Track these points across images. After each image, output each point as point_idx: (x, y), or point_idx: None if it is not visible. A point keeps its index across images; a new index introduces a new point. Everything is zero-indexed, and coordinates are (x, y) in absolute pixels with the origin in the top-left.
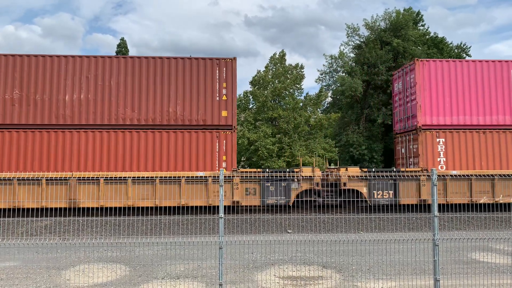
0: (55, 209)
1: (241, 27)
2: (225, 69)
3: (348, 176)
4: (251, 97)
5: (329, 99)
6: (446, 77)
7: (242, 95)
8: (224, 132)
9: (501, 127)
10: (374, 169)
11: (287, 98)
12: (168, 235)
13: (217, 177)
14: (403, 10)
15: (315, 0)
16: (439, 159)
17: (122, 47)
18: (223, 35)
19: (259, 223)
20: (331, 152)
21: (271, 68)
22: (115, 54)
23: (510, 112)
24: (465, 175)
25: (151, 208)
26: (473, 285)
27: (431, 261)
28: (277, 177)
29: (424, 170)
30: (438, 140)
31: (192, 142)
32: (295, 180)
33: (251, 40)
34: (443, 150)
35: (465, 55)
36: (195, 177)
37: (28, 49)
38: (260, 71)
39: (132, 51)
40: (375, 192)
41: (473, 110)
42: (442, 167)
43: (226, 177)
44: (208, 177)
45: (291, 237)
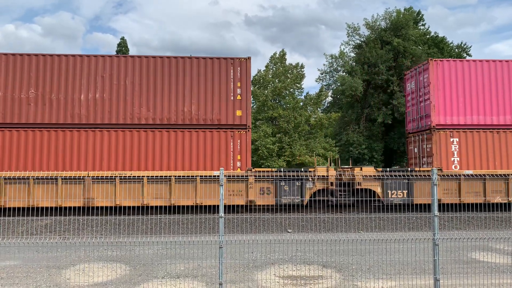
0: (71, 208)
1: (241, 27)
2: (239, 69)
3: (362, 175)
4: (251, 97)
5: (330, 99)
6: (459, 77)
7: None
8: (238, 131)
9: None
10: (388, 169)
11: (287, 97)
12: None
13: (232, 176)
14: (404, 9)
15: None
16: (452, 159)
17: (122, 46)
18: (223, 34)
19: (259, 223)
20: (331, 151)
21: (271, 67)
22: (115, 53)
23: None
24: (479, 175)
25: (166, 207)
26: (473, 285)
27: (431, 260)
28: (291, 176)
29: (438, 169)
30: (452, 140)
31: (207, 141)
32: (310, 179)
33: (252, 39)
34: (457, 149)
35: (465, 55)
36: (210, 176)
37: (28, 48)
38: (260, 70)
39: (132, 51)
40: (389, 191)
41: (486, 110)
42: (456, 167)
43: (240, 176)
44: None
45: (291, 236)
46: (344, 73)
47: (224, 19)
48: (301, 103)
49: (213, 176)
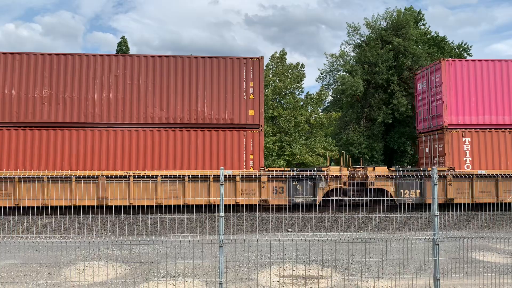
0: (84, 207)
1: (242, 26)
2: (252, 68)
3: (375, 175)
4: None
5: (330, 98)
6: (471, 77)
7: None
8: (251, 131)
9: None
10: (401, 169)
11: (287, 97)
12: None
13: (245, 175)
14: (404, 9)
15: None
16: (465, 159)
17: (122, 46)
18: (223, 34)
19: (259, 222)
20: (331, 151)
21: (271, 67)
22: (115, 52)
23: None
24: (492, 175)
25: (180, 206)
26: (473, 285)
27: (431, 260)
28: (304, 176)
29: (450, 169)
30: (464, 139)
31: (219, 141)
32: (323, 179)
33: (252, 39)
34: (469, 149)
35: (466, 55)
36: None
37: (28, 47)
38: None
39: (132, 50)
40: (402, 191)
41: (499, 109)
42: (468, 167)
43: (253, 175)
44: (236, 175)
45: (291, 236)
46: (344, 73)
47: (224, 19)
48: (301, 103)
49: (225, 175)
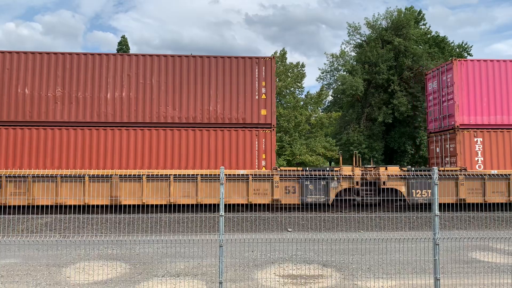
0: (96, 206)
1: (242, 26)
2: (264, 68)
3: (387, 175)
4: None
5: (330, 98)
6: (483, 77)
7: None
8: (263, 130)
9: None
10: (413, 168)
11: (288, 96)
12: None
13: (257, 175)
14: (405, 9)
15: None
16: (476, 159)
17: (123, 45)
18: (224, 33)
19: (259, 221)
20: (331, 150)
21: None
22: (115, 52)
23: None
24: (504, 175)
25: (193, 205)
26: (473, 285)
27: (431, 260)
28: (316, 175)
29: (462, 169)
30: (475, 139)
31: (232, 140)
32: (335, 178)
33: (252, 38)
34: (481, 149)
35: (466, 55)
36: (235, 175)
37: (29, 46)
38: None
39: (133, 49)
40: (414, 191)
41: (510, 110)
42: (480, 167)
43: (265, 175)
44: (248, 175)
45: (291, 235)
46: (344, 73)
47: (224, 18)
48: (302, 102)
49: (238, 175)
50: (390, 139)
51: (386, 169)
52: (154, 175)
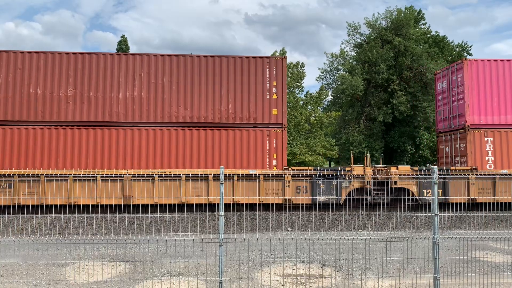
0: (108, 205)
1: (242, 25)
2: (275, 68)
3: (399, 174)
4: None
5: (330, 98)
6: (494, 76)
7: None
8: (274, 130)
9: None
10: (424, 168)
11: (287, 96)
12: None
13: (268, 174)
14: (405, 8)
15: None
16: (487, 158)
17: (123, 45)
18: (223, 33)
19: (259, 221)
20: (331, 150)
21: None
22: (116, 51)
23: None
24: None
25: (206, 205)
26: (472, 284)
27: (431, 259)
28: (328, 175)
29: (473, 169)
30: (486, 139)
31: (243, 140)
32: (346, 178)
33: (252, 38)
34: (491, 149)
35: (466, 54)
36: (247, 174)
37: (28, 46)
38: None
39: (132, 49)
40: (425, 190)
41: None
42: (490, 166)
43: (277, 175)
44: (260, 174)
45: (291, 235)
46: (344, 72)
47: (224, 18)
48: (302, 102)
49: (249, 174)
50: (389, 138)
51: (397, 168)
52: (166, 174)
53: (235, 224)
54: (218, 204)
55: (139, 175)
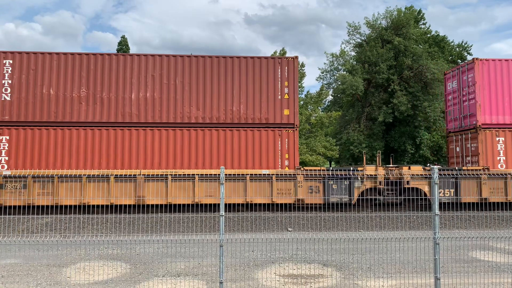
0: (121, 206)
1: (242, 25)
2: (287, 68)
3: (411, 174)
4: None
5: (330, 98)
6: (505, 76)
7: None
8: (286, 130)
9: None
10: (437, 168)
11: None
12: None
13: (280, 175)
14: (405, 8)
15: None
16: (498, 158)
17: (123, 45)
18: (223, 33)
19: (259, 221)
20: (331, 150)
21: None
22: (115, 52)
23: None
24: None
25: (217, 205)
26: (473, 284)
27: (432, 259)
28: (340, 175)
29: (485, 169)
30: (497, 139)
31: (255, 140)
32: (358, 178)
33: (252, 38)
34: (503, 149)
35: (466, 54)
36: (259, 174)
37: (28, 46)
38: None
39: (133, 49)
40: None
41: None
42: (502, 166)
43: (289, 175)
44: (272, 175)
45: (292, 235)
46: (344, 72)
47: (224, 18)
48: (302, 102)
49: (261, 174)
50: (390, 138)
51: (409, 168)
52: (179, 175)
53: (235, 224)
54: (231, 204)
55: (152, 175)
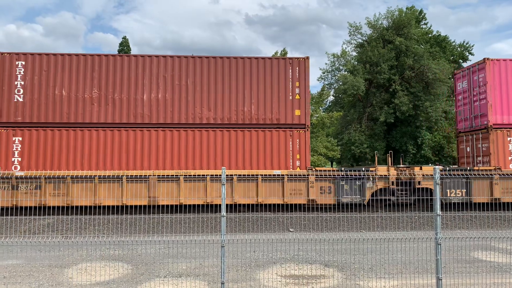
0: (133, 206)
1: (242, 26)
2: (298, 68)
3: (422, 175)
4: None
5: (331, 98)
6: None
7: None
8: (297, 131)
9: None
10: (448, 168)
11: None
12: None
13: (292, 175)
14: (406, 8)
15: None
16: (510, 158)
17: (124, 46)
18: (224, 33)
19: (261, 222)
20: (333, 150)
21: None
22: (117, 52)
23: None
24: None
25: (231, 205)
26: (475, 284)
27: (433, 260)
28: (352, 175)
29: (497, 169)
30: (509, 139)
31: (266, 141)
32: (370, 179)
33: (253, 38)
34: None
35: (468, 54)
36: (271, 175)
37: (30, 48)
38: None
39: (134, 50)
40: (448, 190)
41: None
42: None
43: (301, 175)
44: (284, 175)
45: (293, 235)
46: (346, 72)
47: (224, 18)
48: None
49: (273, 175)
50: (391, 138)
51: (420, 169)
52: (191, 175)
53: (237, 225)
54: (243, 205)
55: (165, 176)
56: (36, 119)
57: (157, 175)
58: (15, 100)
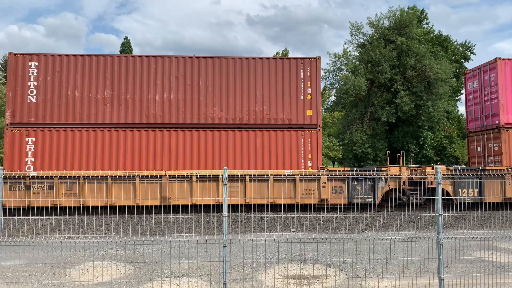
0: (145, 206)
1: (243, 26)
2: (309, 68)
3: (434, 175)
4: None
5: (333, 98)
6: None
7: None
8: (309, 131)
9: None
10: (460, 168)
11: None
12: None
13: (304, 175)
14: (407, 8)
15: None
16: None
17: (126, 46)
18: (225, 34)
19: (262, 222)
20: (334, 150)
21: None
22: (118, 53)
23: None
24: None
25: (242, 205)
26: (477, 284)
27: (436, 260)
28: (364, 175)
29: (509, 168)
30: None
31: (278, 141)
32: (382, 179)
33: (254, 38)
34: None
35: (470, 53)
36: (283, 175)
37: (32, 48)
38: None
39: (135, 51)
40: (460, 190)
41: None
42: None
43: (312, 175)
44: (295, 175)
45: (295, 235)
46: (347, 72)
47: (225, 19)
48: None
49: (285, 175)
50: (393, 138)
51: (432, 168)
52: (204, 175)
53: (239, 225)
54: (255, 205)
55: (177, 176)
56: (49, 119)
57: (170, 175)
58: (28, 100)
